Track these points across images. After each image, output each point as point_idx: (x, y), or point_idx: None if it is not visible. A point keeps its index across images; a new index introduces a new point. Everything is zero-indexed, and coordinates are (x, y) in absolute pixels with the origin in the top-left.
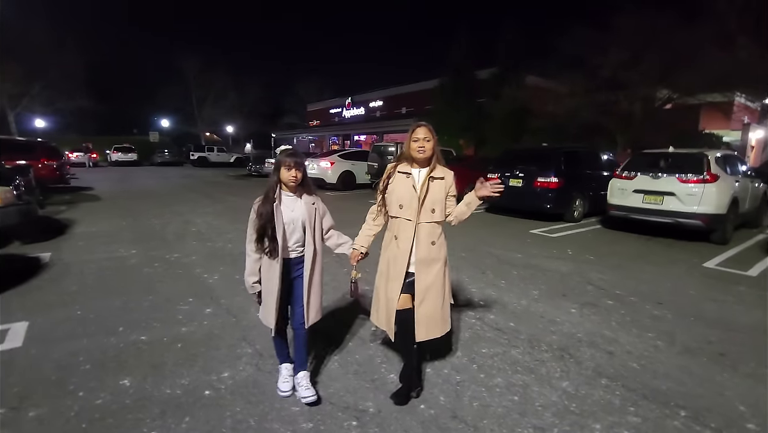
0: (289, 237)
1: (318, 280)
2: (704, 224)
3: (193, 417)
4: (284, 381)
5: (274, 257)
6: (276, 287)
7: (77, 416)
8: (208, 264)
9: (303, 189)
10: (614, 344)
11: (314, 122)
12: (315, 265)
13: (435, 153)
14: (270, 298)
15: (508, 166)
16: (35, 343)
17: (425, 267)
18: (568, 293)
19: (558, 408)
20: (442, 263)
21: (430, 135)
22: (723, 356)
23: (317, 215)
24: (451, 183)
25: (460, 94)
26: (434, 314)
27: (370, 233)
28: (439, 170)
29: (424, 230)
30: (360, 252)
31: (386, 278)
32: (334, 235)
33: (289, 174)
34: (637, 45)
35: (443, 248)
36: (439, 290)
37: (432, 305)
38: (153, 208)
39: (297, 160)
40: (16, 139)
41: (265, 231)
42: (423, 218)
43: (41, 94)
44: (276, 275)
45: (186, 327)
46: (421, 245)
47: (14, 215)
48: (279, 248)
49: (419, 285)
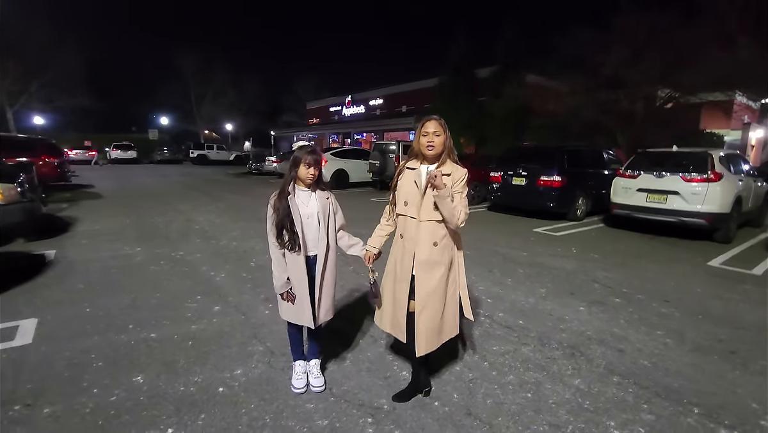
0: (306, 231)
1: (331, 277)
2: (708, 222)
3: (209, 414)
4: (298, 378)
5: (296, 250)
6: (305, 281)
7: (92, 413)
8: (214, 262)
9: (317, 185)
10: (624, 342)
11: (314, 120)
12: (328, 260)
13: (446, 148)
14: (302, 293)
15: (511, 165)
16: (46, 340)
17: (426, 271)
18: (575, 291)
19: (572, 406)
20: (446, 267)
21: (441, 129)
22: (734, 354)
23: (331, 210)
24: (458, 180)
25: (460, 93)
26: (433, 325)
27: (382, 233)
28: (448, 166)
29: (427, 229)
30: (373, 253)
31: (393, 278)
32: (345, 236)
33: (308, 172)
34: (639, 44)
35: (448, 251)
36: (441, 297)
37: (432, 314)
38: (155, 206)
39: (316, 158)
40: (17, 136)
41: (284, 225)
42: (425, 215)
43: (40, 92)
44: (302, 269)
45: (196, 325)
46: (422, 246)
47: (18, 213)
48: (300, 239)
49: (419, 291)
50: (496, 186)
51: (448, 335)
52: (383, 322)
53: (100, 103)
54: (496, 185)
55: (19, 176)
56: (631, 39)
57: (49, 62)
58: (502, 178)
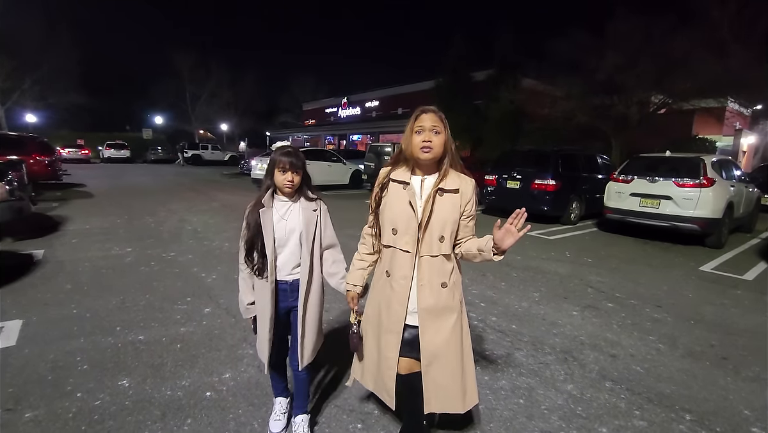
0: (279, 253)
1: (315, 311)
2: (700, 227)
3: (195, 420)
4: (276, 419)
5: (263, 276)
6: (268, 313)
7: (75, 418)
8: (205, 263)
9: (301, 193)
10: (617, 347)
11: (309, 121)
12: (311, 290)
13: (448, 152)
14: (263, 327)
15: (506, 168)
16: (30, 342)
17: (433, 320)
18: (569, 296)
19: (564, 412)
20: (459, 311)
21: (441, 125)
22: (725, 360)
23: (318, 226)
24: (470, 197)
25: (456, 96)
26: (448, 384)
27: (363, 265)
28: (452, 179)
29: (430, 266)
30: (356, 292)
31: (377, 325)
32: (330, 258)
33: (284, 178)
34: (632, 49)
35: (458, 290)
36: (457, 351)
37: (446, 372)
38: (147, 206)
39: (293, 160)
40: (8, 134)
41: (254, 244)
42: (426, 249)
43: (33, 89)
44: (267, 299)
45: (185, 327)
46: (425, 289)
47: (6, 212)
48: (268, 265)
49: (426, 346)
50: (490, 189)
51: (470, 401)
52: (365, 378)
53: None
54: (491, 188)
55: (7, 174)
56: (625, 44)
57: (42, 59)
58: (496, 182)
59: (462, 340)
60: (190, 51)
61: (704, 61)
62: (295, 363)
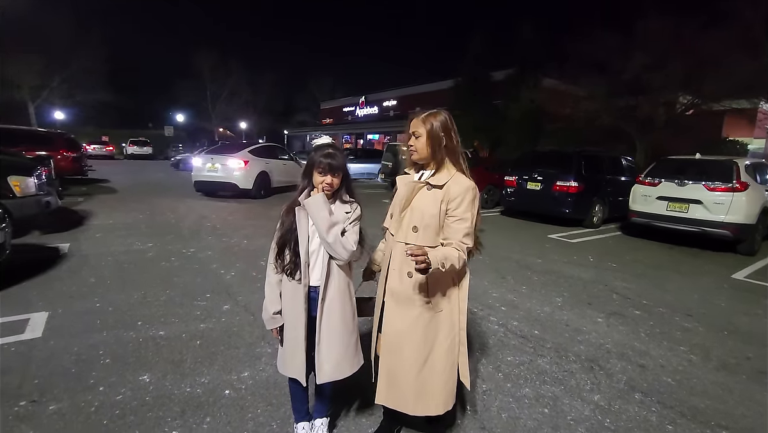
0: (312, 254)
1: (339, 318)
2: (732, 233)
3: (214, 418)
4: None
5: (295, 277)
6: (303, 318)
7: (97, 412)
8: (225, 260)
9: (337, 195)
10: (646, 357)
11: (327, 120)
12: (328, 295)
13: (435, 153)
14: (294, 337)
15: (527, 169)
16: (55, 334)
17: (396, 305)
18: (593, 301)
19: (591, 423)
20: (426, 311)
21: (422, 128)
22: (763, 374)
23: (343, 228)
24: (455, 197)
25: (475, 95)
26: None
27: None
28: (442, 176)
29: (400, 252)
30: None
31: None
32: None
33: (323, 180)
34: (660, 49)
35: (434, 291)
36: (420, 348)
37: (403, 366)
38: (168, 202)
39: (333, 162)
40: (37, 130)
41: (286, 242)
42: (401, 235)
43: (61, 87)
44: (301, 304)
45: (204, 324)
46: (395, 273)
47: (34, 206)
48: (302, 264)
49: (386, 330)
50: (510, 190)
51: (435, 405)
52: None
53: (119, 99)
54: (510, 189)
55: (36, 169)
56: (654, 44)
57: (71, 58)
58: (516, 183)
59: (432, 340)
60: (212, 50)
61: (737, 62)
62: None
